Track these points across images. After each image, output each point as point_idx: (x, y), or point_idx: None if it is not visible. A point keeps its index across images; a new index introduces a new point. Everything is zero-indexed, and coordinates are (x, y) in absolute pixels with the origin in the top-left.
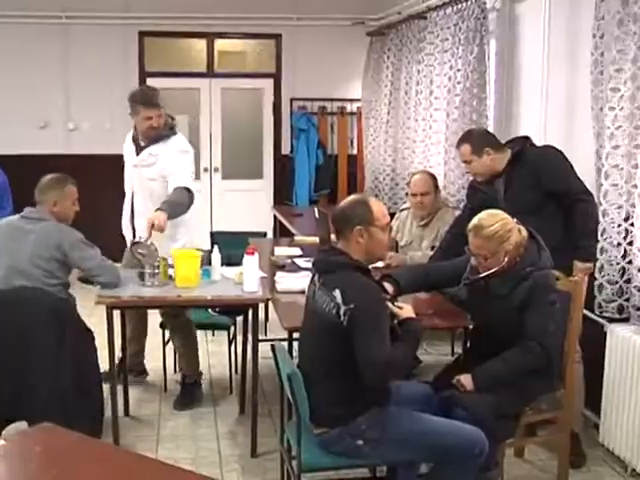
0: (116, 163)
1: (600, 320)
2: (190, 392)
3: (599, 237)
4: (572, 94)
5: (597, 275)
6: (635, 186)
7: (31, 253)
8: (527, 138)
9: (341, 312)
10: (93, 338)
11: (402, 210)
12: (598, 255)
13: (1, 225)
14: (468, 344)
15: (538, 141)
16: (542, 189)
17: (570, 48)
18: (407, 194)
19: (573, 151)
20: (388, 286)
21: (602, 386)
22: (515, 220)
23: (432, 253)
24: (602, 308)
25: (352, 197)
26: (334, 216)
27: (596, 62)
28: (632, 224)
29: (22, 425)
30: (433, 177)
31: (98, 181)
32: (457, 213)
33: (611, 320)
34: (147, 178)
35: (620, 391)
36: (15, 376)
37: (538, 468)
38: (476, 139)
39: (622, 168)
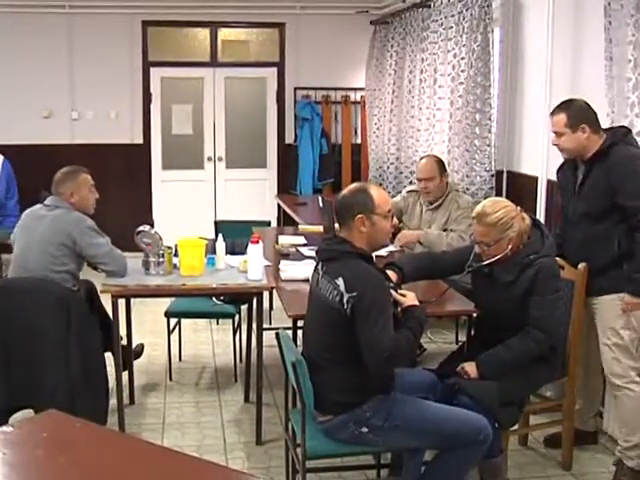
0: (121, 152)
1: None
2: None
3: None
4: (576, 82)
5: None
6: None
7: (42, 238)
8: (627, 133)
9: (344, 300)
10: (107, 324)
11: (410, 191)
12: None
13: (26, 213)
14: (472, 332)
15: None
16: (612, 197)
17: (574, 35)
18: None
19: None
20: (391, 274)
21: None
22: (519, 208)
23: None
24: None
25: (353, 186)
26: (336, 205)
27: (609, 49)
28: None
29: (28, 413)
30: (439, 161)
31: (102, 170)
32: (469, 198)
33: None
34: None
35: None
36: (25, 365)
37: (542, 455)
38: (575, 111)
39: None
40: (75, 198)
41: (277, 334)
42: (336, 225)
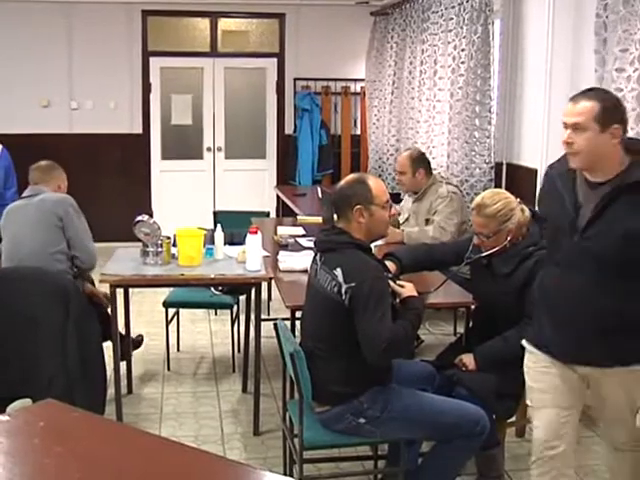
0: (120, 142)
1: None
2: None
3: None
4: (576, 74)
5: None
6: None
7: (31, 224)
8: None
9: (342, 291)
10: (105, 314)
11: None
12: None
13: (9, 209)
14: (470, 323)
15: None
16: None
17: (574, 28)
18: None
19: None
20: (390, 265)
21: None
22: (518, 200)
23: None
24: None
25: (351, 177)
26: (334, 196)
27: (599, 42)
28: None
29: (26, 402)
30: (416, 158)
31: (101, 160)
32: (450, 187)
33: None
34: None
35: None
36: (22, 355)
37: None
38: (612, 103)
39: None
40: (62, 186)
41: (275, 325)
42: (334, 216)
